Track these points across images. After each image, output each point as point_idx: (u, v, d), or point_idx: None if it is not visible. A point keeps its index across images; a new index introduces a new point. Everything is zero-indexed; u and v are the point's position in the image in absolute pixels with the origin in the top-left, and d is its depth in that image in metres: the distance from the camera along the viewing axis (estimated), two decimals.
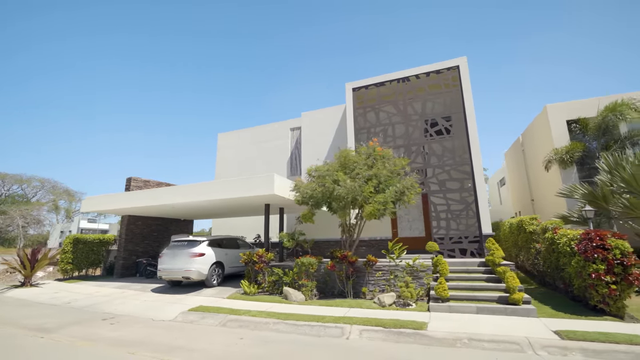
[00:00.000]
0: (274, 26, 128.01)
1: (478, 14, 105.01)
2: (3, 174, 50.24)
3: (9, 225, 45.90)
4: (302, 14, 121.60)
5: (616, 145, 11.80)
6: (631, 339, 4.90)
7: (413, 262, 8.25)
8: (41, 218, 51.22)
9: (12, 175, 50.91)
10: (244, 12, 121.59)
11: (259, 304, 7.86)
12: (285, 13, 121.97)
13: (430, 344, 5.18)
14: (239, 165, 17.30)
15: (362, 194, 8.24)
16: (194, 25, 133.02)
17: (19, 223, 45.19)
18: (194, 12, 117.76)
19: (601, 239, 6.47)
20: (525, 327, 5.69)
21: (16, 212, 44.64)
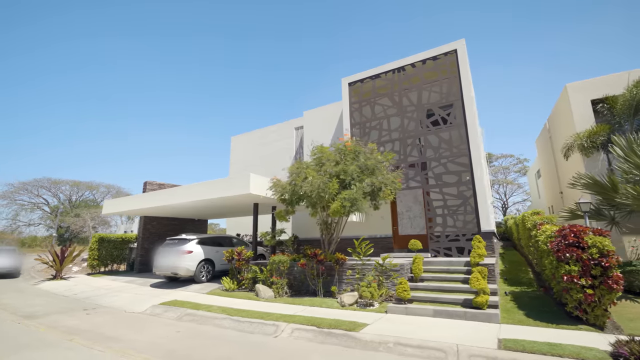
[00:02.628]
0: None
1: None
2: (77, 181, 57.81)
3: (82, 227, 52.61)
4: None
5: None
6: (579, 352, 4.18)
7: (383, 261, 7.87)
8: (108, 219, 58.04)
9: (84, 183, 58.32)
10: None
11: (229, 300, 8.13)
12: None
13: (352, 346, 4.94)
14: (249, 167, 17.90)
15: (327, 191, 8.07)
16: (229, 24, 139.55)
17: (89, 224, 51.55)
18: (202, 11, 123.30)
19: (576, 236, 5.59)
20: (470, 333, 5.15)
21: (87, 215, 51.01)
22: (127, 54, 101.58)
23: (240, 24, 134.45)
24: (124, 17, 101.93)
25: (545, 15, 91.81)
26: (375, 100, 12.98)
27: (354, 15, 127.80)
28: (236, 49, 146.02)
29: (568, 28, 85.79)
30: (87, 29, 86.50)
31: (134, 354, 4.59)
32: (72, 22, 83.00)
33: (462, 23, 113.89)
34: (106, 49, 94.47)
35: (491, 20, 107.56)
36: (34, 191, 50.69)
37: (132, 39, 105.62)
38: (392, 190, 8.93)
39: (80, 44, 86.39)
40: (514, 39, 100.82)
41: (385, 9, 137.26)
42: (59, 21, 79.88)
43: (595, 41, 78.43)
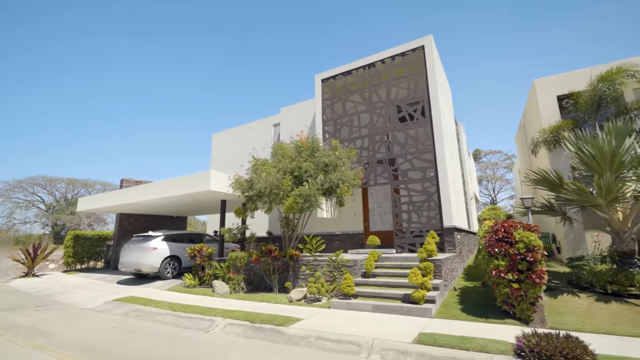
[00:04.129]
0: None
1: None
2: (73, 179, 57.92)
3: (78, 224, 52.76)
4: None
5: (618, 120, 10.00)
6: (486, 345, 4.24)
7: (336, 257, 7.92)
8: (104, 217, 58.21)
9: (80, 180, 58.43)
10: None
11: (184, 296, 8.21)
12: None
13: (275, 341, 5.01)
14: (229, 164, 17.92)
15: (281, 188, 8.11)
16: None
17: (85, 222, 51.64)
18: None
19: (506, 231, 5.63)
20: (396, 328, 5.20)
21: (92, 213, 51.11)
22: (128, 53, 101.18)
23: (240, 22, 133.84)
24: (125, 17, 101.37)
25: (541, 12, 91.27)
26: (347, 96, 12.97)
27: (349, 15, 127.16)
28: (237, 48, 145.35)
29: (564, 25, 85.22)
30: (88, 28, 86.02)
31: (51, 349, 4.67)
32: (74, 21, 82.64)
33: (461, 22, 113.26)
34: (107, 48, 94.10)
35: (488, 18, 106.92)
36: (29, 189, 50.77)
37: (133, 38, 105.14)
38: (350, 186, 8.97)
39: (82, 43, 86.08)
40: (511, 36, 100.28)
41: (379, 10, 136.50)
42: (60, 20, 79.57)
43: (591, 38, 77.91)
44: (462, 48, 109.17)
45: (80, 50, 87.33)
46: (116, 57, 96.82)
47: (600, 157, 6.86)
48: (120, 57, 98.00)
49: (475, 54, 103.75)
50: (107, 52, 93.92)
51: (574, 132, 10.55)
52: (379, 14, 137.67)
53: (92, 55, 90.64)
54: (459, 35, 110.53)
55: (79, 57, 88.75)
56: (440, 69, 12.30)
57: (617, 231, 7.19)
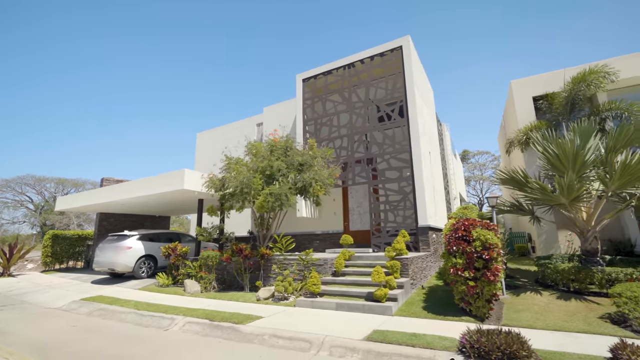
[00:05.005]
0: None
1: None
2: (62, 179, 57.20)
3: (67, 225, 52.10)
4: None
5: (591, 120, 10.14)
6: (432, 342, 4.27)
7: (306, 256, 7.93)
8: (94, 217, 57.71)
9: (70, 180, 57.72)
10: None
11: (155, 295, 8.16)
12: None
13: (230, 338, 5.00)
14: (212, 163, 17.84)
15: (251, 186, 8.10)
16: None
17: (74, 222, 51.01)
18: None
19: (465, 230, 5.68)
20: (352, 325, 5.22)
21: (72, 212, 50.52)
22: (126, 54, 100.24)
23: (239, 22, 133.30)
24: (124, 18, 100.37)
25: (537, 11, 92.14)
26: (327, 96, 13.01)
27: (348, 15, 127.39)
28: (237, 48, 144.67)
29: (562, 24, 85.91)
30: (87, 30, 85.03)
31: (2, 347, 4.61)
32: (73, 22, 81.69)
33: (458, 22, 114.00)
34: (106, 49, 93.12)
35: (486, 18, 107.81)
36: (18, 188, 50.03)
37: (130, 39, 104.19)
38: (323, 186, 8.98)
39: (81, 44, 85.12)
40: (509, 36, 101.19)
41: (379, 9, 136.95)
42: (59, 21, 78.62)
43: (590, 37, 78.63)
44: (455, 49, 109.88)
45: (79, 52, 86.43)
46: (114, 58, 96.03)
47: (563, 157, 6.95)
48: (118, 58, 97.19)
49: (469, 54, 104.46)
50: (105, 53, 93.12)
51: (545, 132, 10.76)
52: (377, 13, 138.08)
53: (91, 56, 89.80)
54: (453, 35, 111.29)
55: (78, 58, 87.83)
56: (419, 69, 12.37)
57: (582, 230, 7.29)
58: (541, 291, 6.92)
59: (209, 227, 10.17)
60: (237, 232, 14.06)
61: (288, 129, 15.04)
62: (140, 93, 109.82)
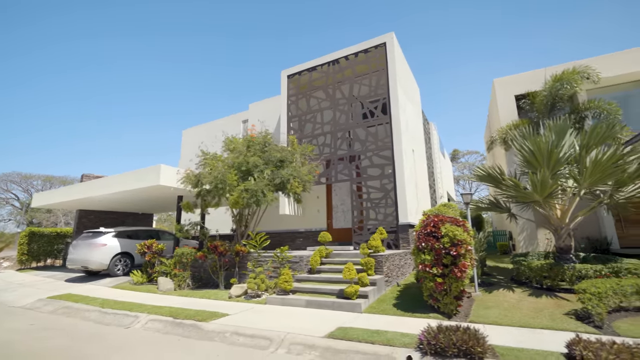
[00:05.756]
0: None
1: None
2: (50, 176, 56.14)
3: (55, 223, 51.19)
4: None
5: (571, 119, 10.18)
6: (392, 339, 4.20)
7: (281, 253, 7.81)
8: None
9: (57, 177, 56.72)
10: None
11: (127, 293, 7.98)
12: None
13: (190, 336, 4.87)
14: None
15: (226, 182, 7.96)
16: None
17: (62, 220, 50.11)
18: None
19: (435, 226, 5.62)
20: (318, 322, 5.12)
21: (59, 211, 49.64)
22: (126, 54, 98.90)
23: (239, 22, 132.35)
24: (123, 18, 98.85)
25: (534, 11, 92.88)
26: (311, 93, 12.89)
27: (347, 14, 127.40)
28: (235, 47, 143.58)
29: (561, 25, 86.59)
30: (87, 30, 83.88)
31: None
32: (73, 22, 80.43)
33: (450, 21, 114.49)
34: (105, 49, 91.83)
35: (479, 17, 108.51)
36: (3, 186, 49.00)
37: (131, 39, 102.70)
38: (301, 182, 8.87)
39: (80, 44, 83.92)
40: (502, 36, 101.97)
41: (376, 9, 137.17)
42: (58, 22, 77.23)
43: (586, 37, 79.40)
44: (447, 49, 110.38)
45: (79, 52, 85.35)
46: (114, 58, 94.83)
47: (538, 154, 6.93)
48: (117, 58, 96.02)
49: (461, 54, 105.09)
50: (105, 53, 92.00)
51: (523, 130, 10.79)
52: (371, 14, 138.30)
53: (90, 56, 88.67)
54: (445, 35, 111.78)
55: (77, 58, 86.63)
56: (404, 66, 12.32)
57: (556, 228, 7.29)
58: (514, 288, 6.90)
59: (186, 224, 9.99)
60: (221, 230, 13.93)
61: (272, 126, 14.92)
62: (137, 93, 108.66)
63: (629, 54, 10.42)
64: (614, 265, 6.21)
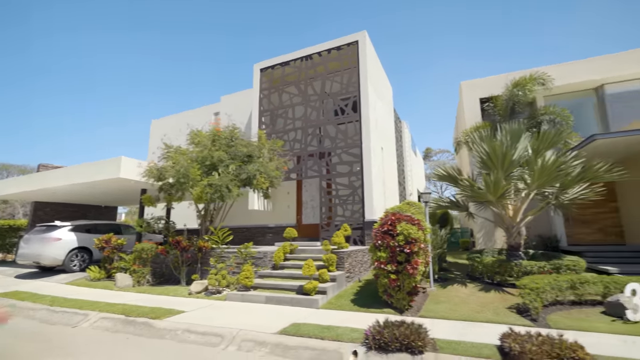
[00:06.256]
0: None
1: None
2: (7, 164, 52.37)
3: (12, 214, 47.92)
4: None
5: (528, 124, 10.73)
6: (342, 334, 4.32)
7: (244, 249, 7.76)
8: None
9: (16, 166, 53.01)
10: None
11: (81, 290, 7.66)
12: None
13: (141, 334, 4.77)
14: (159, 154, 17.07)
15: (189, 177, 7.78)
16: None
17: (20, 211, 46.94)
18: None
19: (392, 224, 5.78)
20: (274, 318, 5.16)
21: (17, 202, 46.47)
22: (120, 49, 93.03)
23: (239, 21, 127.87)
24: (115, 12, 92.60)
25: (538, 7, 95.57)
26: (284, 88, 12.79)
27: (320, 14, 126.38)
28: (234, 45, 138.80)
29: (561, 20, 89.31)
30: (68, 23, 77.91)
31: None
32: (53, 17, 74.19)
33: (420, 21, 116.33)
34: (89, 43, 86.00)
35: (452, 16, 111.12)
36: None
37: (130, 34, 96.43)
38: (268, 178, 8.83)
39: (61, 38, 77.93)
40: (476, 35, 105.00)
41: (349, 10, 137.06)
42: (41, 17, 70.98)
43: (590, 34, 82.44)
44: (419, 48, 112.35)
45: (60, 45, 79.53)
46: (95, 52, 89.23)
47: (494, 155, 7.26)
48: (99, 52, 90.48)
49: (434, 53, 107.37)
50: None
51: (481, 132, 11.28)
52: (340, 15, 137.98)
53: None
54: (416, 35, 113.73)
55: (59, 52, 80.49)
56: (375, 65, 12.46)
57: (508, 226, 7.70)
58: (467, 283, 7.25)
59: (148, 218, 9.69)
60: (190, 224, 13.58)
61: (244, 119, 14.68)
62: (136, 88, 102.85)
63: (582, 64, 11.09)
64: (556, 262, 6.67)
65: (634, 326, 4.56)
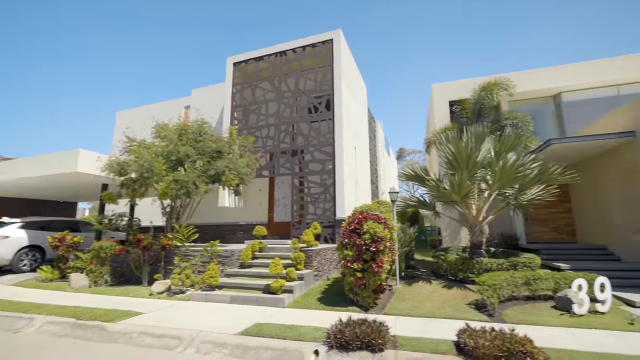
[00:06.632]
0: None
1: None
2: None
3: None
4: None
5: (493, 127, 11.18)
6: (304, 333, 4.28)
7: (210, 247, 7.53)
8: None
9: None
10: None
11: (26, 291, 7.12)
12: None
13: (92, 339, 4.49)
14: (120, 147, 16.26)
15: (153, 172, 7.43)
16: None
17: None
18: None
19: (359, 223, 5.82)
20: (237, 318, 5.03)
21: None
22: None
23: (240, 19, 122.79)
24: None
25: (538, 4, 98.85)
26: (257, 83, 12.54)
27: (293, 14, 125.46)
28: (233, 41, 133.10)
29: (562, 17, 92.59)
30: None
31: None
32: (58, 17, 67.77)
33: (395, 20, 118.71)
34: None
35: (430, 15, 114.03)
36: None
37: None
38: (237, 175, 8.62)
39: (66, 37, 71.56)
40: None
41: (324, 8, 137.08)
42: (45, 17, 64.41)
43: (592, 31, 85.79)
44: (392, 47, 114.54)
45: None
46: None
47: (459, 157, 7.49)
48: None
49: (407, 52, 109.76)
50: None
51: (448, 134, 11.66)
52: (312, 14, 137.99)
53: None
54: (389, 34, 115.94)
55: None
56: (350, 63, 12.51)
57: (471, 225, 7.99)
58: (432, 281, 7.45)
59: (110, 215, 9.17)
60: (157, 222, 13.02)
61: (216, 114, 14.28)
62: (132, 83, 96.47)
63: (542, 72, 11.72)
64: (514, 260, 7.00)
65: (579, 319, 4.87)
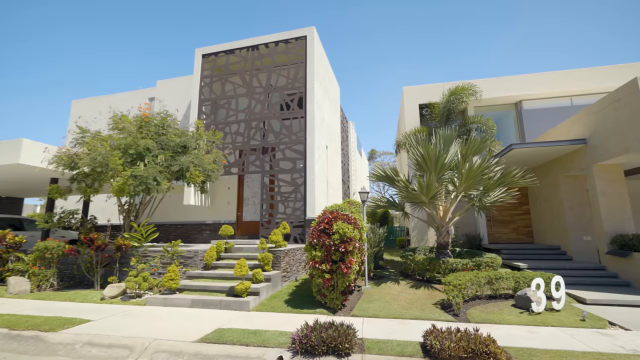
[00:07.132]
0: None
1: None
2: None
3: None
4: None
5: (460, 130, 11.53)
6: (269, 339, 4.07)
7: (171, 247, 7.08)
8: None
9: None
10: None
11: None
12: None
13: (25, 351, 4.00)
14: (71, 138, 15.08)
15: (108, 166, 6.84)
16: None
17: None
18: None
19: (328, 223, 5.69)
20: (197, 324, 4.71)
21: None
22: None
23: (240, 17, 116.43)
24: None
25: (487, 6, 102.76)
26: (227, 77, 12.08)
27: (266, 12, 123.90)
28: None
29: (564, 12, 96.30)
30: None
31: None
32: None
33: (369, 20, 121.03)
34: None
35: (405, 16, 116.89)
36: None
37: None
38: (203, 172, 8.19)
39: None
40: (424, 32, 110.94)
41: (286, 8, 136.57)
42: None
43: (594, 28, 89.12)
44: (364, 49, 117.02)
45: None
46: None
47: (427, 159, 7.60)
48: None
49: (381, 54, 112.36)
50: None
51: (417, 136, 11.94)
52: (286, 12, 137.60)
53: None
54: (362, 34, 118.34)
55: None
56: (323, 62, 12.38)
57: (438, 225, 8.15)
58: (400, 281, 7.51)
59: (60, 212, 8.38)
60: (114, 220, 12.16)
61: (183, 107, 13.61)
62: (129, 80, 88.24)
63: (505, 80, 12.29)
64: (477, 260, 7.21)
65: (537, 317, 5.06)
